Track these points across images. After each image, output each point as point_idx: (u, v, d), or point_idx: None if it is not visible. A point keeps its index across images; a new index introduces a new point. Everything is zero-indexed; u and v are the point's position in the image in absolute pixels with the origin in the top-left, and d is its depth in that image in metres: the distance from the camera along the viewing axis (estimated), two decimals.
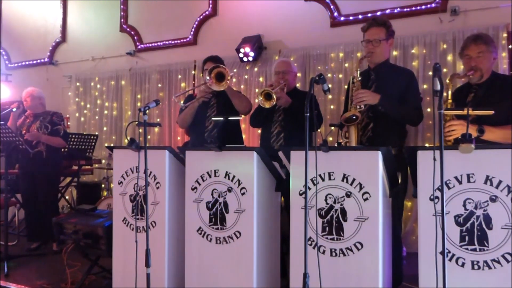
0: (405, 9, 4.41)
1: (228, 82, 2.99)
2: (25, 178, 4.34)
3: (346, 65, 4.65)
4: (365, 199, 2.13)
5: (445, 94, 2.37)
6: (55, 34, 6.96)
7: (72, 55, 6.77)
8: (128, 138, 2.67)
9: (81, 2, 6.79)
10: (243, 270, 2.41)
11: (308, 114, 1.89)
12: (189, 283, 2.58)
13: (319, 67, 4.80)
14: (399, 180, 2.48)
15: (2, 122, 4.00)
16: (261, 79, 5.08)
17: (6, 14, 7.61)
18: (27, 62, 7.28)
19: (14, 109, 4.26)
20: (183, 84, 5.67)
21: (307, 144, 1.90)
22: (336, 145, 2.65)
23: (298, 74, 4.48)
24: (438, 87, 1.76)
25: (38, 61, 7.13)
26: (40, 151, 4.22)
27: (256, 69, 5.13)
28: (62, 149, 4.61)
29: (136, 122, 2.95)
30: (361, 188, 2.14)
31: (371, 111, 2.66)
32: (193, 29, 5.66)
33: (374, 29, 2.75)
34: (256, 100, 3.15)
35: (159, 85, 5.85)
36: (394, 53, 4.41)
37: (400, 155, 2.53)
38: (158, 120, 5.72)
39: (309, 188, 2.19)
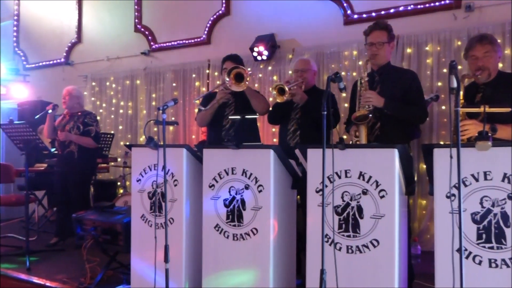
0: (419, 6, 4.39)
1: (247, 82, 3.02)
2: (58, 177, 4.44)
3: (360, 63, 4.65)
4: (382, 197, 2.14)
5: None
6: (70, 35, 7.09)
7: (88, 55, 6.88)
8: (146, 136, 2.72)
9: (96, 3, 6.90)
10: (259, 267, 2.44)
11: (325, 112, 1.92)
12: (206, 279, 2.62)
13: (332, 65, 4.81)
14: (415, 178, 2.49)
15: (23, 122, 4.10)
16: (275, 77, 5.11)
17: (24, 16, 7.77)
18: (44, 63, 7.43)
19: (50, 111, 4.35)
20: (197, 83, 5.73)
21: (324, 142, 1.93)
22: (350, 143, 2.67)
23: None
24: (455, 85, 1.76)
25: (55, 61, 7.26)
26: (72, 151, 4.31)
27: (270, 67, 5.16)
28: (97, 149, 4.67)
29: (154, 121, 3.02)
30: (377, 186, 2.16)
31: (378, 111, 2.70)
32: (206, 29, 5.71)
33: (376, 33, 2.81)
34: (271, 99, 3.18)
35: (174, 84, 5.92)
36: (408, 50, 4.41)
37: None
38: (173, 118, 5.79)
39: (326, 186, 2.21)
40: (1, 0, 8.03)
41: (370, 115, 2.59)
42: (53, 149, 5.08)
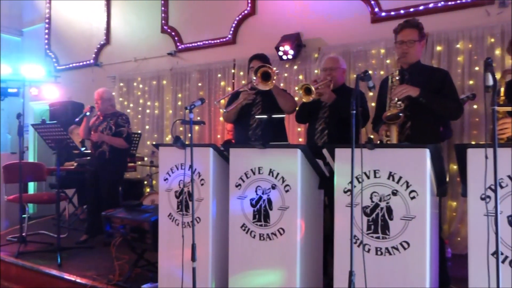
0: (449, 3, 4.27)
1: (274, 81, 3.01)
2: (90, 176, 4.56)
3: (388, 61, 4.57)
4: (412, 198, 2.09)
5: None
6: (99, 37, 7.24)
7: (116, 56, 7.02)
8: (173, 136, 2.75)
9: (123, 5, 7.03)
10: (286, 267, 2.43)
11: (354, 111, 1.88)
12: (233, 278, 2.62)
13: (359, 64, 4.74)
14: (447, 179, 2.42)
15: (54, 122, 4.21)
16: (300, 77, 5.08)
17: (55, 19, 8.00)
18: (74, 64, 7.62)
19: (88, 113, 4.48)
20: (222, 83, 5.76)
21: (353, 141, 1.90)
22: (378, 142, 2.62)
23: None
24: (491, 82, 1.70)
25: (84, 63, 7.44)
26: (104, 150, 4.42)
27: (295, 67, 5.13)
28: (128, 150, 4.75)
29: (181, 120, 3.05)
30: (408, 187, 2.11)
31: (409, 110, 2.63)
32: (232, 29, 5.73)
33: (407, 31, 2.76)
34: (297, 98, 3.16)
35: (199, 84, 5.97)
36: (438, 48, 4.30)
37: None
38: (199, 118, 5.84)
39: (354, 186, 2.17)
40: (33, 2, 8.29)
41: (401, 114, 2.53)
42: (82, 149, 5.21)
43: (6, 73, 6.87)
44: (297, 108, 3.40)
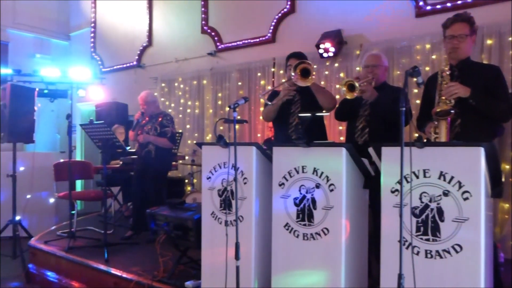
0: None
1: (313, 77, 2.98)
2: (137, 175, 4.71)
3: (434, 57, 4.40)
4: (465, 199, 1.99)
5: None
6: (142, 39, 7.45)
7: (158, 57, 7.19)
8: (216, 135, 2.77)
9: (165, 7, 7.19)
10: (331, 267, 2.38)
11: (403, 109, 1.82)
12: (276, 278, 2.61)
13: (403, 60, 4.59)
14: (503, 179, 2.29)
15: (101, 122, 4.37)
16: (341, 74, 4.99)
17: (100, 23, 8.30)
18: (117, 66, 7.88)
19: (140, 120, 4.66)
20: (262, 82, 5.76)
21: (402, 139, 1.83)
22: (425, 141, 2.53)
23: None
24: None
25: (127, 64, 7.67)
26: (149, 150, 4.56)
27: (336, 64, 5.05)
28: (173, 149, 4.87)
29: (223, 119, 3.07)
30: (460, 187, 2.01)
31: (458, 106, 2.52)
32: (271, 27, 5.72)
33: (458, 25, 2.65)
34: (337, 96, 3.10)
35: (239, 84, 6.00)
36: (488, 41, 4.10)
37: None
38: (239, 117, 5.86)
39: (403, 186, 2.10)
40: (80, 8, 8.64)
41: (453, 111, 2.43)
42: (127, 148, 5.37)
43: (55, 76, 7.19)
44: (336, 106, 3.35)
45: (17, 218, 4.63)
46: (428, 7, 4.50)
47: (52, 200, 6.12)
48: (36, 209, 5.87)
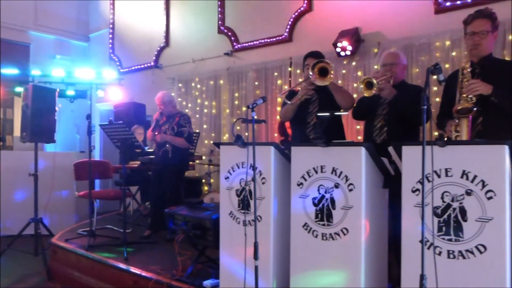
0: None
1: (331, 76, 2.96)
2: (155, 175, 4.76)
3: (454, 53, 4.33)
4: (489, 198, 1.95)
5: None
6: (159, 40, 7.51)
7: (175, 58, 7.25)
8: (234, 134, 2.77)
9: (182, 7, 7.23)
10: (350, 268, 2.36)
11: (425, 107, 1.79)
12: (294, 278, 2.60)
13: (422, 58, 4.53)
14: None
15: (120, 122, 4.42)
16: (359, 73, 4.95)
17: (118, 25, 8.41)
18: (135, 67, 7.96)
19: (159, 119, 4.72)
20: (279, 81, 5.74)
21: (424, 138, 1.81)
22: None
23: None
24: None
25: (145, 65, 7.75)
26: (166, 150, 4.61)
27: (354, 63, 5.00)
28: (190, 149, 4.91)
29: (241, 119, 3.07)
30: (483, 186, 1.97)
31: (480, 104, 2.47)
32: (288, 26, 5.70)
33: (480, 21, 2.60)
34: (355, 95, 3.07)
35: (256, 83, 6.00)
36: (510, 37, 4.01)
37: None
38: (256, 117, 5.85)
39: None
40: (99, 9, 8.76)
41: (475, 109, 2.38)
42: (146, 148, 5.43)
43: (75, 77, 7.31)
44: (354, 105, 3.32)
45: (39, 216, 4.72)
46: (448, 3, 4.42)
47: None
48: (57, 208, 5.98)
